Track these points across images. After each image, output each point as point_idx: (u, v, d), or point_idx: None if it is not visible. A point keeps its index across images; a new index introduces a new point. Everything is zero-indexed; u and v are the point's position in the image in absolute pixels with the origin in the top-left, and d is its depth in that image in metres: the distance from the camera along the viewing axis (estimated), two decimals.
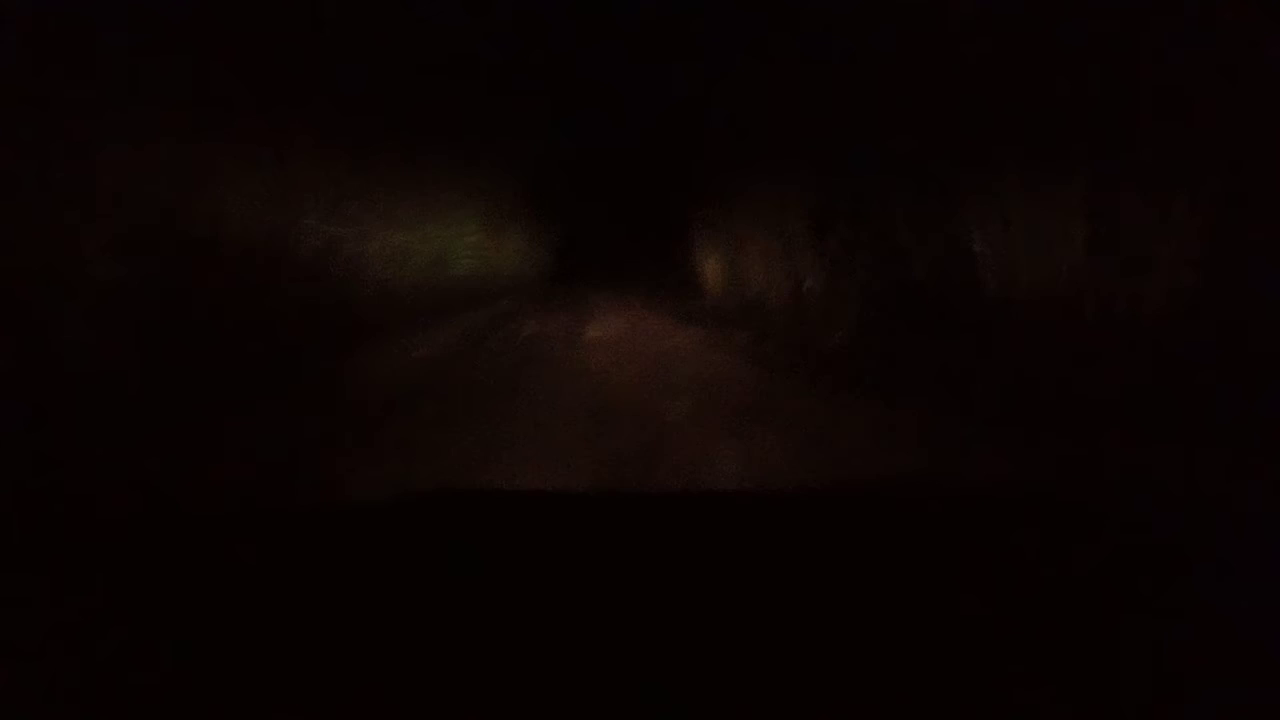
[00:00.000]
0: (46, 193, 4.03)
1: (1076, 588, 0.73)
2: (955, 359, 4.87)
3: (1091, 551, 0.84)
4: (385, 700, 0.53)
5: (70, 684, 0.54)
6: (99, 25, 4.25)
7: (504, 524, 1.03)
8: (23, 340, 3.70)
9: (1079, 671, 0.57)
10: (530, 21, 16.61)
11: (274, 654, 0.60)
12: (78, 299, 3.99)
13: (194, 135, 4.94)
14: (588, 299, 16.22)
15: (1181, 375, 3.54)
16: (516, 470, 3.25)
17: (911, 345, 5.53)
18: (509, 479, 3.08)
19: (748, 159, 10.34)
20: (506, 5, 14.93)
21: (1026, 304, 4.69)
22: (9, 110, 3.86)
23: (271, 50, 5.69)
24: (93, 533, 0.85)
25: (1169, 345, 3.73)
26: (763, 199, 9.85)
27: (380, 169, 9.08)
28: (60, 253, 4.00)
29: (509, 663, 0.60)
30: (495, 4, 14.27)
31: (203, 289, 4.87)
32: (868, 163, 6.12)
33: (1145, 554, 0.83)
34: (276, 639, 0.62)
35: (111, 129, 4.31)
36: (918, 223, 5.84)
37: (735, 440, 3.72)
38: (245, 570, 0.76)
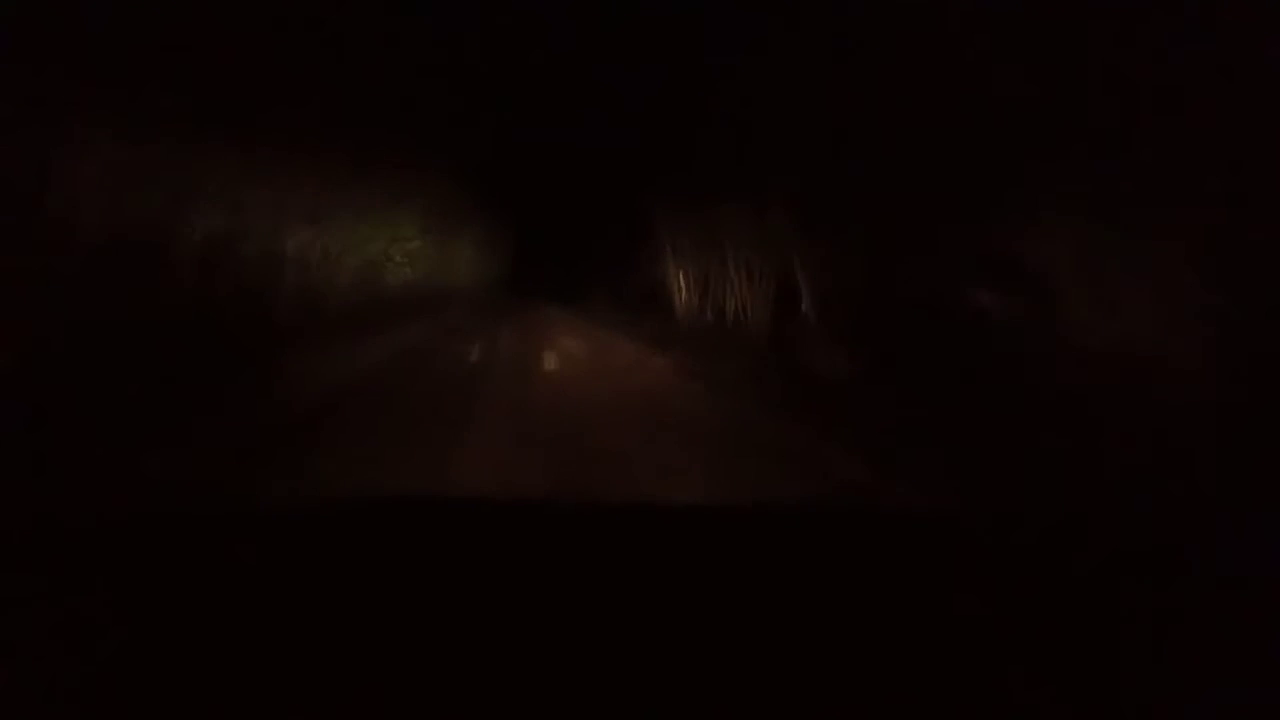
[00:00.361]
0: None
1: (1076, 588, 0.73)
2: (962, 373, 4.80)
3: (1091, 552, 0.84)
4: (366, 700, 0.53)
5: (70, 684, 0.54)
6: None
7: (459, 532, 1.03)
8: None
9: (1079, 671, 0.57)
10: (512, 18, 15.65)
11: (258, 653, 0.60)
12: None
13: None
14: (544, 318, 14.71)
15: (1183, 378, 3.54)
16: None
17: (917, 361, 5.35)
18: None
19: (736, 159, 9.27)
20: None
21: (1028, 313, 4.68)
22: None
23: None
24: (79, 534, 0.85)
25: (1170, 347, 3.72)
26: (750, 203, 8.79)
27: (293, 154, 7.32)
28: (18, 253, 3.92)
29: (467, 665, 0.60)
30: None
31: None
32: (869, 166, 6.00)
33: (1145, 554, 0.83)
34: (256, 638, 0.62)
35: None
36: (931, 229, 5.65)
37: (719, 481, 3.32)
38: (225, 572, 0.76)
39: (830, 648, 0.60)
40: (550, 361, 7.67)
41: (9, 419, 3.15)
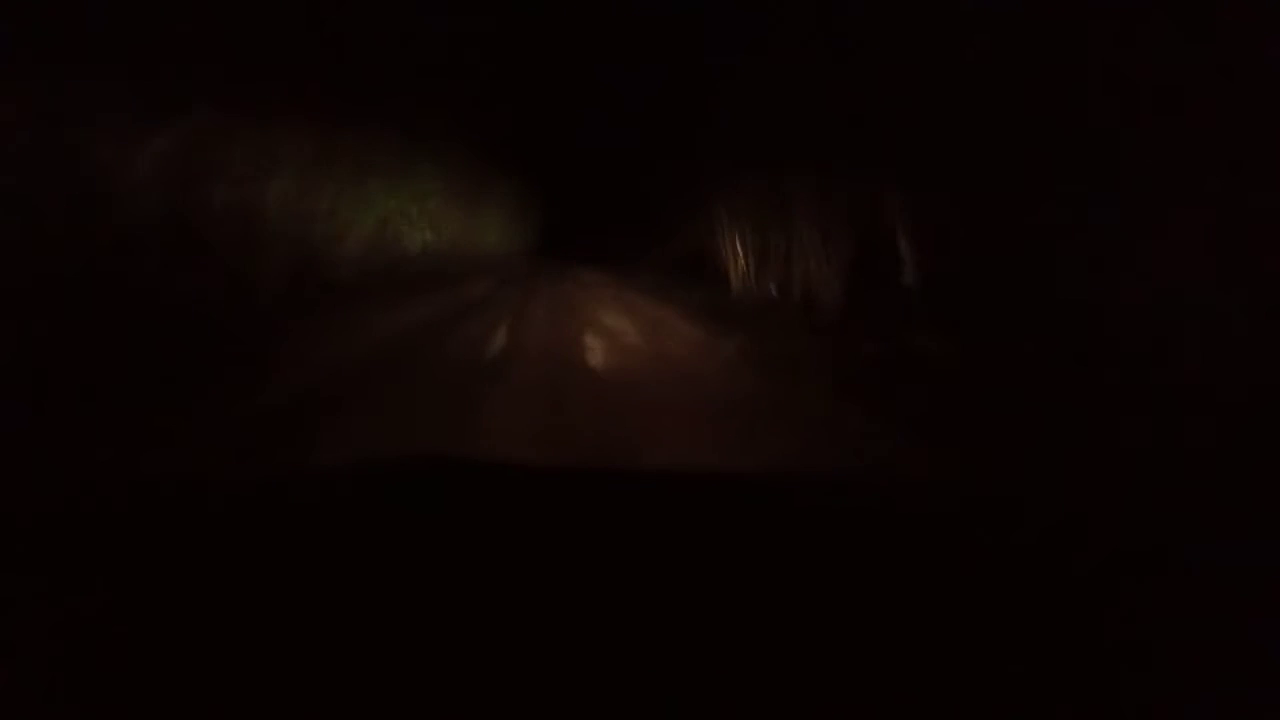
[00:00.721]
0: None
1: (1076, 587, 0.73)
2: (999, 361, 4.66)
3: (1092, 550, 0.84)
4: (381, 683, 0.53)
5: (71, 684, 0.54)
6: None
7: (479, 494, 1.03)
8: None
9: (1079, 671, 0.57)
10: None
11: (272, 639, 0.60)
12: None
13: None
14: (579, 290, 12.68)
15: (1183, 375, 3.54)
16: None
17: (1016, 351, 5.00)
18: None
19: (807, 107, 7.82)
20: None
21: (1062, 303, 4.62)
22: None
23: None
24: (85, 526, 0.84)
25: (1170, 345, 3.72)
26: (828, 155, 7.33)
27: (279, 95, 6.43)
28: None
29: (487, 634, 0.60)
30: None
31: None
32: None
33: (1145, 553, 0.83)
34: (271, 624, 0.62)
35: None
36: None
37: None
38: (231, 556, 0.75)
39: (825, 644, 0.60)
40: (588, 345, 6.39)
41: (7, 414, 3.15)
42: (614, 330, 7.39)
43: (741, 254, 10.84)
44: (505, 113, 16.77)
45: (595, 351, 6.05)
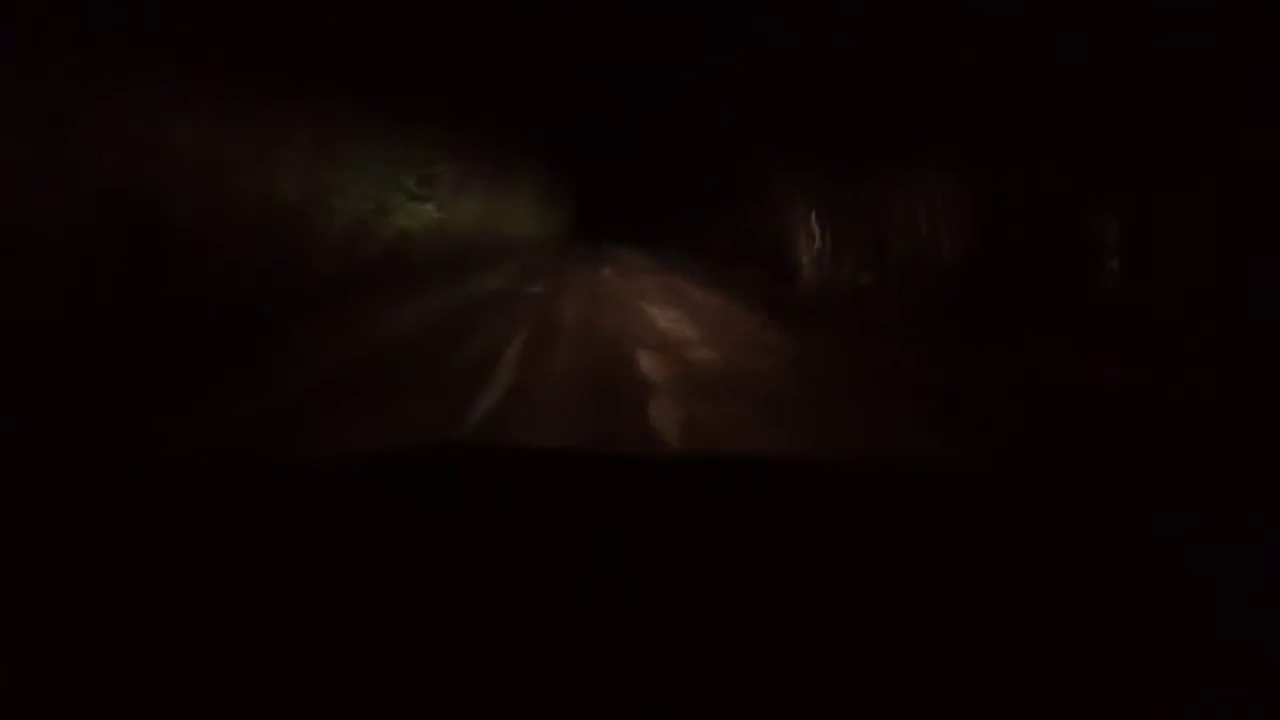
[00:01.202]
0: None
1: (1076, 586, 0.73)
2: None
3: (1092, 549, 0.84)
4: (387, 675, 0.53)
5: (71, 684, 0.54)
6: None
7: (494, 479, 1.03)
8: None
9: (1079, 671, 0.57)
10: None
11: (281, 626, 0.60)
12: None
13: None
14: (620, 274, 11.17)
15: (1184, 372, 3.54)
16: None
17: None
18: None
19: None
20: None
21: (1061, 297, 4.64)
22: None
23: None
24: (84, 508, 0.84)
25: (1172, 342, 3.72)
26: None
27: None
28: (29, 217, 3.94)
29: (506, 617, 0.60)
30: None
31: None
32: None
33: (1146, 552, 0.82)
34: (282, 611, 0.62)
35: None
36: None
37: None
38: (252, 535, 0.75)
39: (824, 642, 0.60)
40: (633, 347, 5.21)
41: (6, 414, 3.15)
42: (663, 327, 6.15)
43: (818, 236, 8.83)
44: (516, 100, 15.83)
45: (642, 353, 5.02)
